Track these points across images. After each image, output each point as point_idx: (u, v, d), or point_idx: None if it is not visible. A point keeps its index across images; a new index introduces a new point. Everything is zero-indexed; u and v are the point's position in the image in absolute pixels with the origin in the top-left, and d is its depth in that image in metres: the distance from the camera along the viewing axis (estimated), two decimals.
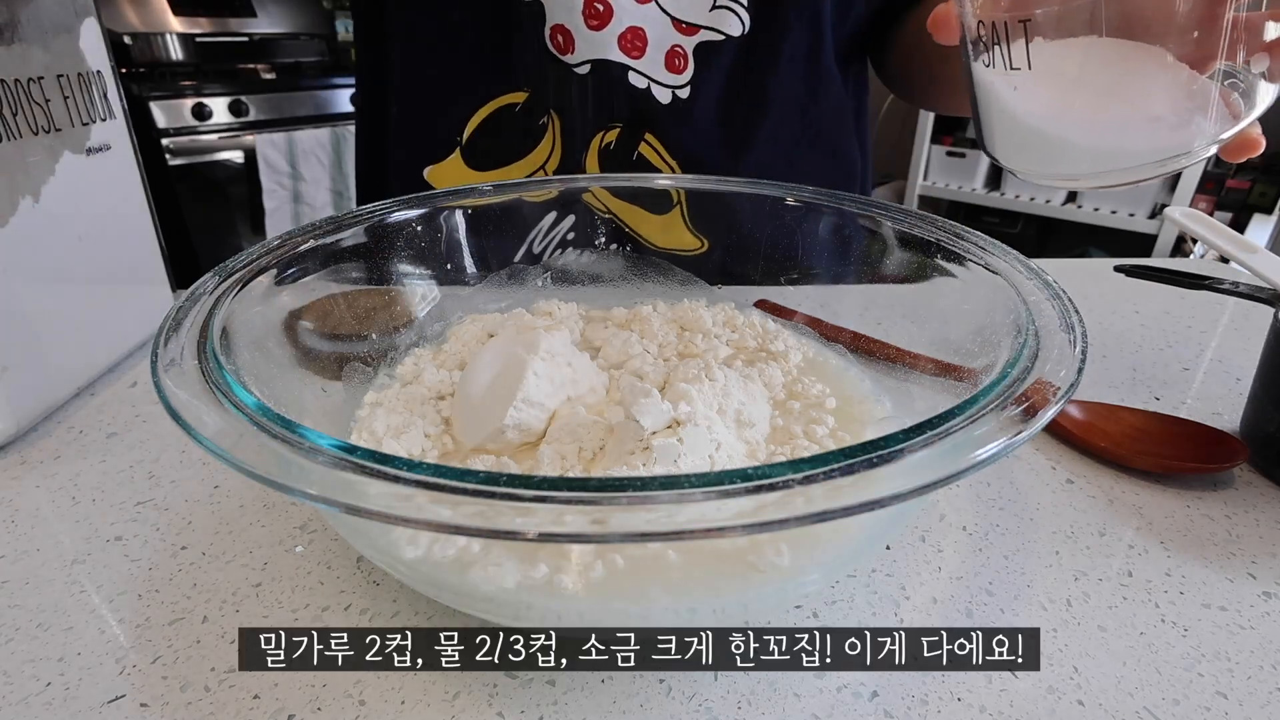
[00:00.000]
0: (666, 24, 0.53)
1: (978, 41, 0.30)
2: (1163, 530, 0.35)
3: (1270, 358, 0.38)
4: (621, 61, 0.53)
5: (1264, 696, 0.26)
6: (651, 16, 0.52)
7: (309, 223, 0.37)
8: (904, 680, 0.26)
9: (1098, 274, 0.66)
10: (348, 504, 0.18)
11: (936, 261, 0.36)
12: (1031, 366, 0.24)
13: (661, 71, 0.54)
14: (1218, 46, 0.25)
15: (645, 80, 0.54)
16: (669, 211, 0.52)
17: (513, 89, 0.56)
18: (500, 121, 0.57)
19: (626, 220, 0.52)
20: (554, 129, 0.57)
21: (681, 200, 0.51)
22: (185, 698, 0.26)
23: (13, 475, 0.39)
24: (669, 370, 0.35)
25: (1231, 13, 0.25)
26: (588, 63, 0.53)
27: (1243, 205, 2.21)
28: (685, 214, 0.51)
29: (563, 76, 0.54)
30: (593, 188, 0.49)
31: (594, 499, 0.18)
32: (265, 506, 0.36)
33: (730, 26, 0.53)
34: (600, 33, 0.52)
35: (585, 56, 0.53)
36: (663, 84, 0.55)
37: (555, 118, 0.57)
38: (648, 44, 0.53)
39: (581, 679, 0.27)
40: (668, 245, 0.53)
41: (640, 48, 0.53)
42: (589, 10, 0.51)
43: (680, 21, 0.53)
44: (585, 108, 0.56)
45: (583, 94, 0.55)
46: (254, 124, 2.00)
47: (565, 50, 0.53)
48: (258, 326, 0.31)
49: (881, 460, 0.19)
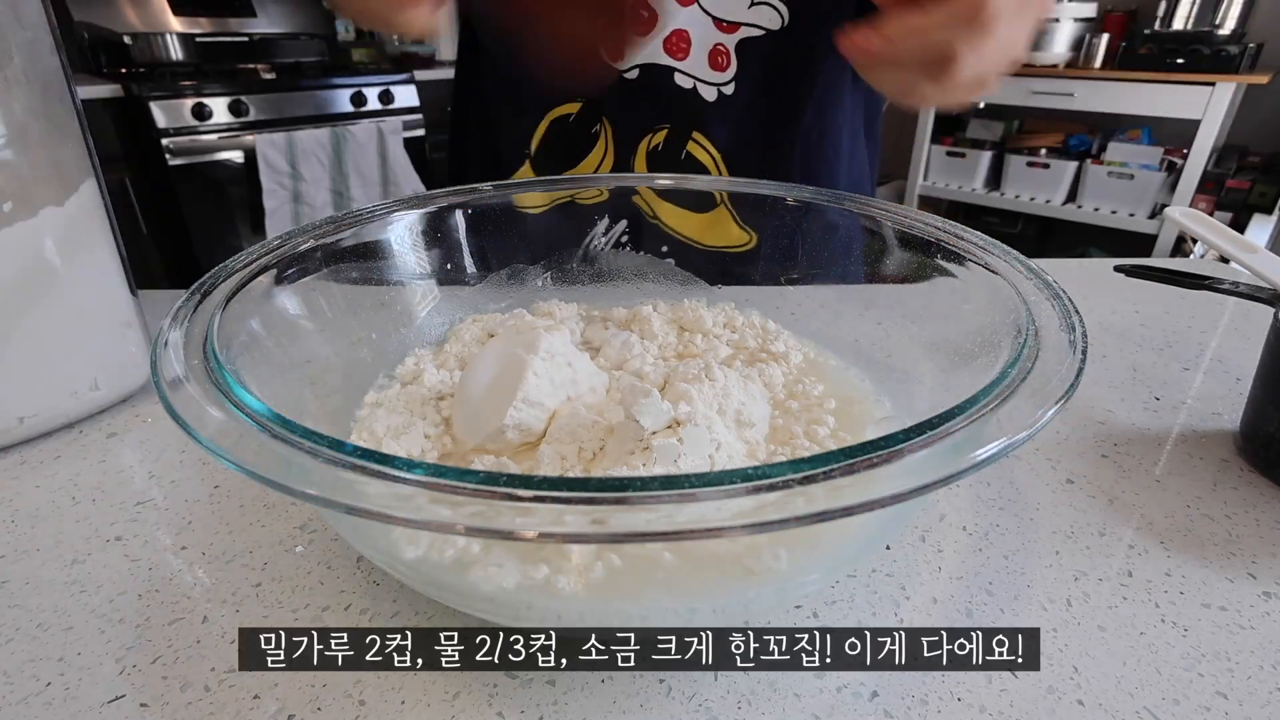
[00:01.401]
0: (708, 23, 0.54)
1: None
2: (1163, 530, 0.35)
3: (1270, 358, 0.38)
4: (668, 64, 0.55)
5: (1264, 696, 0.26)
6: (695, 17, 0.54)
7: (309, 223, 0.37)
8: (904, 680, 0.26)
9: (1098, 274, 0.66)
10: (348, 504, 0.18)
11: (936, 261, 0.36)
12: (1032, 366, 0.24)
13: (706, 70, 0.55)
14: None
15: (691, 80, 0.56)
16: (714, 209, 0.52)
17: (567, 100, 0.59)
18: (558, 132, 0.60)
19: (675, 226, 0.53)
20: (606, 135, 0.59)
21: (724, 195, 0.51)
22: (185, 698, 0.26)
23: (13, 475, 0.39)
24: (669, 370, 0.35)
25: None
26: (637, 67, 0.55)
27: (1243, 205, 2.21)
28: (730, 208, 0.52)
29: (614, 83, 0.56)
30: (634, 185, 0.50)
31: (594, 499, 0.18)
32: (265, 506, 0.36)
33: (769, 21, 0.54)
34: (647, 38, 0.53)
35: (634, 61, 0.55)
36: (708, 82, 0.56)
37: (607, 124, 0.59)
38: (691, 44, 0.54)
39: (581, 679, 0.27)
40: (715, 243, 0.53)
41: (685, 49, 0.54)
42: (635, 16, 0.53)
43: (721, 20, 0.54)
44: (635, 111, 0.58)
45: (632, 98, 0.57)
46: (254, 124, 2.00)
47: (615, 58, 0.54)
48: (258, 326, 0.31)
49: (881, 460, 0.19)
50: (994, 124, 2.67)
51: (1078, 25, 2.36)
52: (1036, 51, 2.40)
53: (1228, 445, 0.41)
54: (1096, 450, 0.41)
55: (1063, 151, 2.55)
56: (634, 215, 0.50)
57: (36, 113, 0.38)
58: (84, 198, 0.41)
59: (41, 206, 0.38)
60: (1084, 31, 2.37)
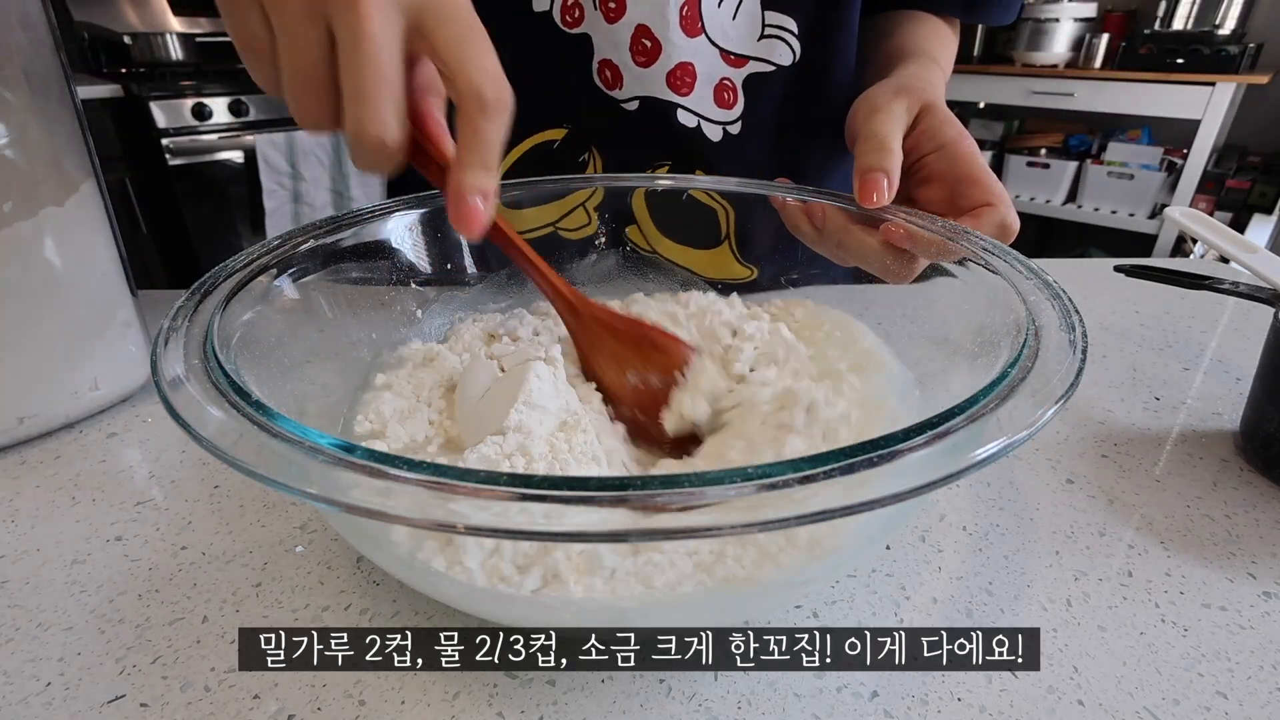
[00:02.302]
0: (715, 57, 0.51)
1: None
2: (1163, 530, 0.35)
3: (1270, 358, 0.38)
4: (671, 100, 0.51)
5: (1264, 696, 0.26)
6: (701, 49, 0.50)
7: (309, 223, 0.37)
8: (904, 680, 0.26)
9: (1098, 274, 0.66)
10: (348, 504, 0.18)
11: (937, 261, 0.36)
12: (1032, 366, 0.24)
13: (711, 108, 0.52)
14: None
15: (695, 119, 0.52)
16: (719, 245, 0.51)
17: (550, 125, 0.55)
18: (537, 159, 0.56)
19: (675, 259, 0.51)
20: (595, 166, 0.56)
21: (730, 233, 0.50)
22: (185, 698, 0.26)
23: (13, 475, 0.39)
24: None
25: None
26: (636, 99, 0.52)
27: (1243, 205, 2.21)
28: (734, 246, 0.51)
29: (610, 112, 0.52)
30: (631, 229, 0.49)
31: (594, 498, 0.18)
32: (265, 506, 0.36)
33: (780, 56, 0.51)
34: (649, 69, 0.50)
35: (634, 93, 0.51)
36: (713, 120, 0.53)
37: (596, 155, 0.55)
38: (696, 79, 0.51)
39: (581, 679, 0.27)
40: (717, 277, 0.52)
41: (689, 84, 0.51)
42: (636, 47, 0.49)
43: (729, 53, 0.51)
44: (631, 145, 0.54)
45: (629, 131, 0.53)
46: (254, 124, 2.00)
47: (613, 86, 0.51)
48: (258, 326, 0.31)
49: (881, 460, 0.19)
50: (994, 124, 2.67)
51: (1078, 25, 2.36)
52: (1037, 51, 2.41)
53: (1228, 445, 0.41)
54: (1096, 450, 0.41)
55: (1063, 151, 2.55)
56: (630, 248, 0.49)
57: (36, 113, 0.38)
58: (84, 198, 0.41)
59: (41, 206, 0.38)
60: (1084, 31, 2.37)
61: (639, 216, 0.50)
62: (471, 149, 0.26)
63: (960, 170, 0.38)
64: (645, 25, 0.48)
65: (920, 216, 0.36)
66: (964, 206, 0.37)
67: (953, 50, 0.57)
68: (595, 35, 0.50)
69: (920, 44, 0.52)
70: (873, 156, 0.37)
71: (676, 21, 0.48)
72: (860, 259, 0.39)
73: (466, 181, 0.26)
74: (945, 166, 0.38)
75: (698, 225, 0.51)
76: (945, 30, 0.56)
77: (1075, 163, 2.46)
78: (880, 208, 0.36)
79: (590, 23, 0.49)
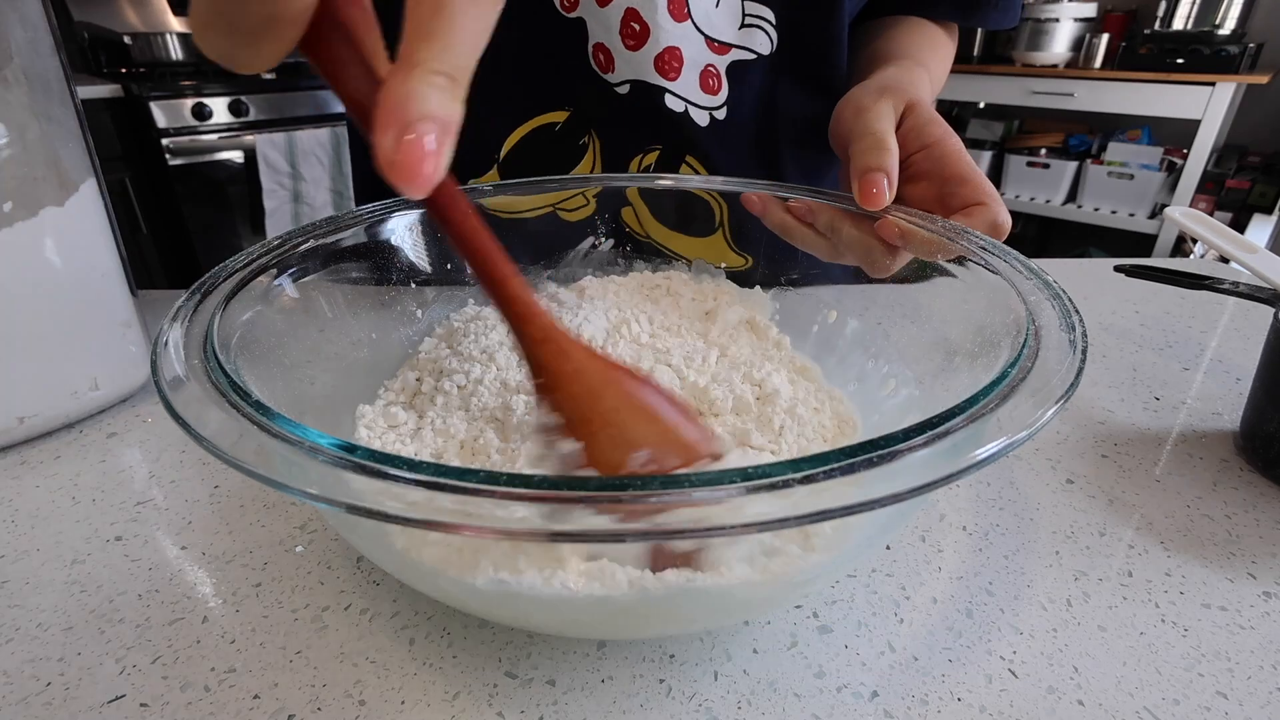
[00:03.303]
0: (701, 43, 0.52)
1: None
2: (1163, 530, 0.35)
3: (1270, 358, 0.38)
4: (659, 84, 0.52)
5: (1264, 696, 0.26)
6: (687, 34, 0.51)
7: (309, 223, 0.37)
8: (904, 680, 0.26)
9: (1098, 274, 0.66)
10: (348, 504, 0.18)
11: (936, 261, 0.36)
12: (1032, 366, 0.24)
13: (697, 93, 0.53)
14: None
15: (682, 103, 0.53)
16: (712, 234, 0.51)
17: (553, 108, 0.55)
18: (540, 141, 0.56)
19: (668, 245, 0.52)
20: (594, 149, 0.56)
21: (724, 222, 0.51)
22: (185, 698, 0.26)
23: (13, 475, 0.39)
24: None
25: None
26: (627, 83, 0.53)
27: (1243, 205, 2.22)
28: (728, 235, 0.51)
29: (604, 96, 0.53)
30: (625, 210, 0.49)
31: (594, 499, 0.18)
32: (265, 506, 0.36)
33: (759, 44, 0.53)
34: (638, 53, 0.51)
35: (625, 76, 0.52)
36: (700, 106, 0.54)
37: (596, 138, 0.56)
38: (683, 64, 0.52)
39: (581, 679, 0.27)
40: (710, 262, 0.52)
41: (676, 68, 0.52)
42: (626, 30, 0.50)
43: (713, 40, 0.52)
44: (624, 129, 0.55)
45: (623, 114, 0.54)
46: (254, 124, 2.00)
47: (606, 69, 0.52)
48: (258, 326, 0.31)
49: (881, 460, 0.19)
50: (994, 124, 2.67)
51: (1078, 25, 2.36)
52: (1037, 51, 2.41)
53: (1228, 445, 0.41)
54: (1096, 450, 0.41)
55: (1063, 151, 2.55)
56: (624, 232, 0.50)
57: (36, 113, 0.38)
58: (84, 198, 0.41)
59: (41, 206, 0.38)
60: (1084, 31, 2.37)
61: (634, 203, 0.51)
62: (430, 36, 0.17)
63: (949, 169, 0.38)
64: (634, 9, 0.49)
65: (919, 216, 0.36)
66: (954, 205, 0.37)
67: (947, 54, 0.57)
68: (589, 18, 0.51)
69: (906, 48, 0.53)
70: (871, 155, 0.37)
71: (664, 5, 0.49)
72: (848, 249, 0.39)
73: (416, 94, 0.17)
74: (933, 165, 0.38)
75: (692, 214, 0.51)
76: (939, 35, 0.56)
77: (1075, 163, 2.46)
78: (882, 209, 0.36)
79: (585, 6, 0.50)
